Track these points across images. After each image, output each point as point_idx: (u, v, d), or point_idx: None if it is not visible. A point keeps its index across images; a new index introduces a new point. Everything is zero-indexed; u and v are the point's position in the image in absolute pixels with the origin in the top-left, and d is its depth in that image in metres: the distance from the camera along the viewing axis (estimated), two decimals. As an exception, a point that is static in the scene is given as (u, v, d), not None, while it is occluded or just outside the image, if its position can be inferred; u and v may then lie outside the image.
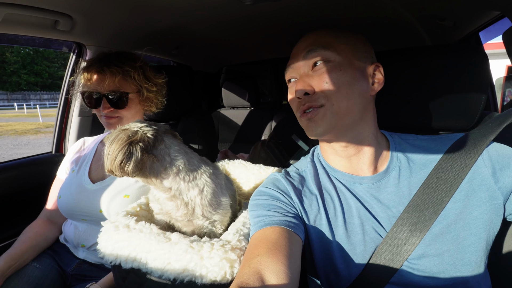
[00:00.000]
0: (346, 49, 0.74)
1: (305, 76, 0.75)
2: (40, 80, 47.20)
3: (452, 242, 0.69)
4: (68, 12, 1.08)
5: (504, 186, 0.69)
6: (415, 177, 0.75)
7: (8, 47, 39.98)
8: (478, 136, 0.74)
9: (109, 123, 1.17)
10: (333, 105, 0.72)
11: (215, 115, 2.76)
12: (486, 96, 0.88)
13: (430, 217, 0.69)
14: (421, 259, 0.69)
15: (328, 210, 0.77)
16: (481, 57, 0.88)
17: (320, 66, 0.73)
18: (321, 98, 0.72)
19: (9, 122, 18.45)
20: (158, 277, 0.71)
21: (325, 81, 0.72)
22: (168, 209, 0.86)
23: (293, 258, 0.64)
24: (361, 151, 0.78)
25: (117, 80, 1.12)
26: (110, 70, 1.11)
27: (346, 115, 0.73)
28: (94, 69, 1.12)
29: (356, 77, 0.73)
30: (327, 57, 0.73)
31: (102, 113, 1.14)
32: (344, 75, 0.72)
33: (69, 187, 1.19)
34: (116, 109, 1.14)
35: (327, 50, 0.73)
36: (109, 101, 1.12)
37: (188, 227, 0.88)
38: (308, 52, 0.75)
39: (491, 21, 1.16)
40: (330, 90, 0.71)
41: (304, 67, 0.76)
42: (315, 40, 0.76)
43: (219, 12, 1.18)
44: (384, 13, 1.20)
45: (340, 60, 0.73)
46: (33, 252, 1.15)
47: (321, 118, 0.73)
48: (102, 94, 1.12)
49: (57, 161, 1.56)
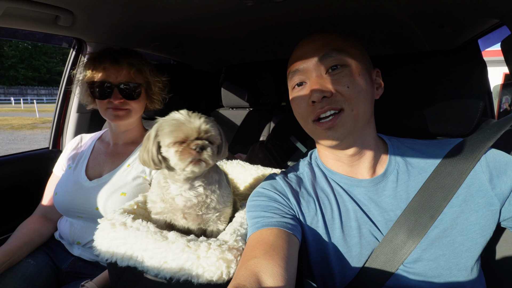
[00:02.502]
0: (356, 54, 0.75)
1: (321, 80, 0.72)
2: (38, 75, 46.90)
3: (448, 247, 0.69)
4: (69, 8, 1.08)
5: (501, 192, 0.70)
6: (413, 181, 0.76)
7: (6, 41, 39.66)
8: (476, 142, 0.75)
9: (117, 115, 1.16)
10: (352, 110, 0.71)
11: (214, 114, 2.76)
12: (484, 103, 0.89)
13: (427, 221, 0.70)
14: (416, 263, 0.70)
15: (325, 213, 0.77)
16: (480, 64, 0.89)
17: (339, 70, 0.72)
18: (341, 102, 0.71)
19: (5, 116, 18.29)
20: (154, 275, 0.71)
21: (346, 85, 0.70)
22: (179, 202, 0.85)
23: (290, 260, 0.64)
24: (364, 156, 0.79)
25: (133, 72, 1.15)
26: (128, 61, 1.14)
27: (361, 119, 0.73)
28: (108, 60, 1.13)
29: (368, 82, 0.74)
30: (344, 62, 0.72)
31: (111, 104, 1.14)
32: (362, 80, 0.72)
33: (66, 184, 1.19)
34: (128, 100, 1.16)
35: (342, 54, 0.72)
36: (120, 92, 1.14)
37: (195, 221, 0.88)
38: (324, 56, 0.73)
39: (490, 29, 1.17)
40: (350, 94, 0.70)
41: (317, 71, 0.73)
42: (327, 44, 0.74)
43: (220, 12, 1.18)
44: (385, 18, 1.20)
45: (356, 64, 0.73)
46: (28, 249, 1.14)
47: (342, 124, 0.71)
48: (114, 84, 1.13)
49: (54, 157, 1.55)
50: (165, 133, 0.76)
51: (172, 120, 0.77)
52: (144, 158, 0.80)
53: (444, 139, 0.84)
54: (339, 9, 1.13)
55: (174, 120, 0.77)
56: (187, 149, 0.75)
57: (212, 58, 2.39)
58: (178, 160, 0.75)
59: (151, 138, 0.79)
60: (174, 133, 0.75)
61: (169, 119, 0.78)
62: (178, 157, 0.75)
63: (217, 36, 1.60)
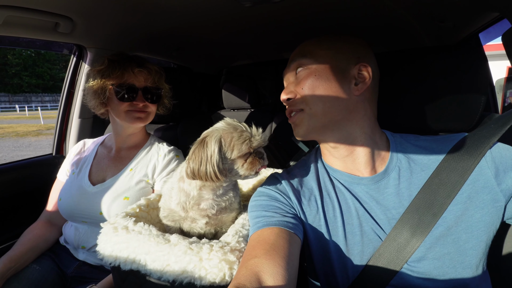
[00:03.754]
0: (325, 54, 0.77)
1: (290, 83, 0.82)
2: (42, 82, 47.45)
3: (453, 245, 0.68)
4: (68, 15, 1.09)
5: (507, 188, 0.69)
6: (416, 178, 0.75)
7: (9, 49, 40.14)
8: (481, 138, 0.74)
9: (139, 118, 1.20)
10: (310, 109, 0.77)
11: (215, 116, 2.76)
12: (486, 97, 0.88)
13: (431, 219, 0.69)
14: (421, 261, 0.69)
15: (326, 211, 0.77)
16: (480, 59, 0.88)
17: (300, 74, 0.80)
18: (300, 103, 0.78)
19: (10, 124, 18.51)
20: (157, 278, 0.71)
21: (302, 87, 0.77)
22: (207, 208, 0.88)
23: (291, 259, 0.64)
24: (354, 152, 0.79)
25: (157, 77, 1.22)
26: (154, 68, 1.22)
27: (323, 116, 0.76)
28: (135, 64, 1.17)
29: (333, 80, 0.75)
30: (304, 64, 0.79)
31: (133, 107, 1.17)
32: (318, 80, 0.76)
33: (70, 190, 1.20)
34: (150, 103, 1.21)
35: (305, 57, 0.79)
36: (144, 95, 1.18)
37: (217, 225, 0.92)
38: (291, 62, 0.83)
39: (491, 23, 1.16)
40: (306, 95, 0.77)
41: (289, 76, 0.84)
42: (298, 51, 0.82)
43: (218, 14, 1.18)
44: (384, 15, 1.20)
45: (316, 66, 0.77)
46: (33, 254, 1.15)
47: (300, 121, 0.80)
48: (139, 88, 1.17)
49: (58, 162, 1.56)
50: (234, 145, 0.79)
51: (237, 131, 0.80)
52: (203, 172, 0.78)
53: (447, 135, 0.82)
54: (337, 8, 1.13)
55: (240, 132, 0.80)
56: (256, 160, 0.82)
57: (212, 60, 2.39)
58: (247, 169, 0.81)
59: (214, 151, 0.77)
60: (244, 145, 0.79)
61: (231, 130, 0.80)
62: (247, 167, 0.81)
63: (216, 38, 1.60)
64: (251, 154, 0.81)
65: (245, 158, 0.81)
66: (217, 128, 0.81)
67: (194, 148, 0.80)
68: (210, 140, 0.78)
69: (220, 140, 0.78)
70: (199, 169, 0.78)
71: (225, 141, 0.78)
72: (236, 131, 0.79)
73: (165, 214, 0.92)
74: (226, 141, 0.78)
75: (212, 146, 0.77)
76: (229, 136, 0.78)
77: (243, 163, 0.81)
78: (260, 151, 0.84)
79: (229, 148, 0.78)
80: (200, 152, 0.78)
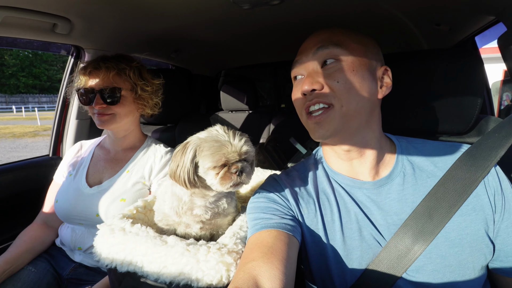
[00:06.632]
0: (358, 48, 0.73)
1: (314, 73, 0.72)
2: (39, 83, 47.19)
3: (455, 258, 0.66)
4: (66, 16, 1.09)
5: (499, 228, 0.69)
6: (421, 185, 0.73)
7: (6, 49, 39.94)
8: (488, 149, 0.72)
9: (102, 121, 1.15)
10: (342, 107, 0.69)
11: (214, 118, 2.76)
12: (482, 100, 0.89)
13: (435, 227, 0.67)
14: (420, 272, 0.67)
15: (324, 214, 0.76)
16: (476, 61, 0.89)
17: (332, 65, 0.71)
18: (331, 96, 0.70)
19: (7, 125, 18.39)
20: (154, 280, 0.71)
21: (337, 80, 0.69)
22: (200, 214, 0.85)
23: (289, 262, 0.63)
24: (364, 155, 0.77)
25: (112, 76, 1.13)
26: (106, 65, 1.13)
27: (354, 117, 0.71)
28: (91, 65, 1.14)
29: (367, 79, 0.71)
30: (338, 55, 0.71)
31: (95, 110, 1.14)
32: (356, 76, 0.70)
33: (66, 191, 1.19)
34: (109, 105, 1.14)
35: (339, 47, 0.71)
36: (102, 97, 1.12)
37: (212, 229, 0.90)
38: (319, 49, 0.72)
39: (487, 26, 1.17)
40: (341, 90, 0.69)
41: (313, 64, 0.73)
42: (327, 37, 0.73)
43: (217, 16, 1.19)
44: (381, 18, 1.21)
45: (352, 59, 0.71)
46: (29, 256, 1.14)
47: (329, 121, 0.71)
48: (96, 90, 1.12)
49: (54, 164, 1.55)
50: (206, 155, 0.74)
51: (212, 141, 0.74)
52: (178, 176, 0.77)
53: (454, 143, 0.81)
54: (335, 10, 1.14)
55: (215, 142, 0.74)
56: (228, 174, 0.75)
57: (210, 62, 2.39)
58: (218, 183, 0.75)
59: (188, 159, 0.75)
60: (216, 156, 0.73)
61: (209, 139, 0.75)
62: (219, 181, 0.75)
63: (215, 40, 1.61)
64: (224, 167, 0.75)
65: (218, 171, 0.75)
66: (199, 137, 0.78)
67: (177, 151, 0.79)
68: (188, 147, 0.76)
69: (195, 149, 0.76)
70: (175, 173, 0.77)
71: (200, 151, 0.75)
72: (215, 142, 0.74)
73: (159, 218, 0.90)
74: (200, 151, 0.75)
75: (187, 154, 0.76)
76: (205, 146, 0.74)
77: (215, 176, 0.75)
78: (241, 165, 0.75)
79: (202, 158, 0.75)
80: (179, 156, 0.77)
